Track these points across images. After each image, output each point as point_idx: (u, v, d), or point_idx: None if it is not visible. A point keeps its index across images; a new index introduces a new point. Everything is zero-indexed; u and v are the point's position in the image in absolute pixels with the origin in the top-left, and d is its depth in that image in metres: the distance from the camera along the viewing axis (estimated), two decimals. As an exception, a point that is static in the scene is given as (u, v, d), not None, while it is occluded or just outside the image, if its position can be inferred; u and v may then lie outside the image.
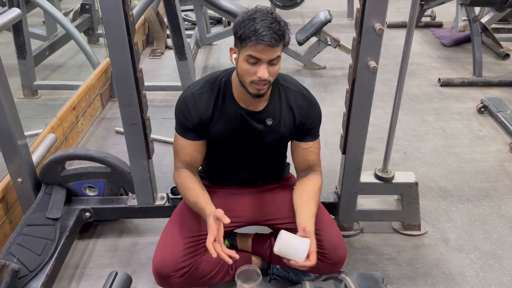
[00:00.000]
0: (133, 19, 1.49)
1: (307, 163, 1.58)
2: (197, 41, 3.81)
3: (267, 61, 1.30)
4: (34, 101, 3.11)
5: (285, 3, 4.20)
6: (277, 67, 1.34)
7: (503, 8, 3.35)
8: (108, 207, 1.86)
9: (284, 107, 1.50)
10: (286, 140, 1.58)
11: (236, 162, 1.61)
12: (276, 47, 1.29)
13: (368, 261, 1.82)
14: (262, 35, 1.25)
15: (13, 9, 1.66)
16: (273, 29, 1.27)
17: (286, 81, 1.52)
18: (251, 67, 1.32)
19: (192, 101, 1.46)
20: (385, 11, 1.44)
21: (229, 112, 1.47)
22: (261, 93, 1.37)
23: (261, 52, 1.28)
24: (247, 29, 1.28)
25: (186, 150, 1.52)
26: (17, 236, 1.60)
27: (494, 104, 2.95)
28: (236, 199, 1.63)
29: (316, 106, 1.54)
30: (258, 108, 1.47)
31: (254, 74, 1.32)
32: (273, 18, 1.29)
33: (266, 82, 1.33)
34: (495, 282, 1.72)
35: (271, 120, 1.49)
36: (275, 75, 1.36)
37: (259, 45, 1.27)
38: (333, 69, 3.76)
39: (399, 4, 5.36)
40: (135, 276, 1.73)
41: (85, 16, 3.86)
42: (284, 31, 1.31)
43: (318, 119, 1.55)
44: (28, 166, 1.75)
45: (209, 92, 1.47)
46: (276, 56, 1.31)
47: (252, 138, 1.52)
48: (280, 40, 1.29)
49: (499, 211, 2.11)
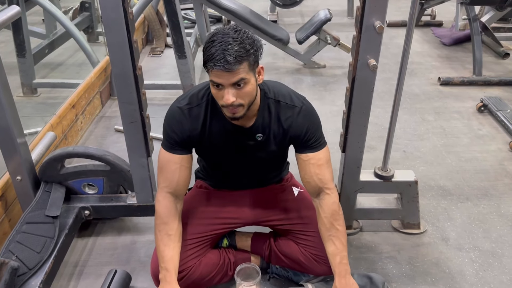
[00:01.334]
0: (132, 17, 1.49)
1: (312, 177, 1.46)
2: (196, 39, 3.80)
3: (230, 85, 1.24)
4: (33, 99, 3.11)
5: (285, 1, 4.20)
6: (246, 89, 1.26)
7: (503, 7, 3.35)
8: (107, 205, 1.86)
9: (273, 121, 1.43)
10: (279, 152, 1.52)
11: (232, 171, 1.59)
12: (236, 70, 1.21)
13: (368, 259, 1.82)
14: (216, 60, 1.20)
15: (12, 6, 1.66)
16: (229, 51, 1.20)
17: (277, 93, 1.43)
18: (217, 91, 1.27)
19: (181, 115, 1.41)
20: (385, 9, 1.43)
21: (219, 128, 1.42)
22: (236, 116, 1.31)
23: (219, 77, 1.23)
24: (205, 54, 1.24)
25: (173, 166, 1.44)
26: (16, 234, 1.59)
27: (494, 103, 2.95)
28: (235, 200, 1.63)
29: (309, 116, 1.44)
30: (248, 124, 1.41)
31: (222, 99, 1.27)
32: (234, 38, 1.22)
33: (235, 105, 1.27)
34: (495, 280, 1.72)
35: (261, 135, 1.43)
36: (247, 96, 1.28)
37: (214, 70, 1.22)
38: (333, 68, 3.75)
39: (400, 3, 5.36)
40: (134, 274, 1.73)
41: (84, 15, 3.85)
42: (248, 50, 1.23)
43: (313, 129, 1.45)
44: (27, 164, 1.75)
45: (198, 107, 1.41)
46: (238, 79, 1.23)
47: (245, 153, 1.48)
48: (240, 61, 1.21)
49: (498, 210, 2.11)
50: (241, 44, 1.22)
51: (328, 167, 1.48)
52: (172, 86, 3.15)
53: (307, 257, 1.52)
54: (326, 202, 1.45)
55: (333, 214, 1.44)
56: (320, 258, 1.50)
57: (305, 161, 1.46)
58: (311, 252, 1.52)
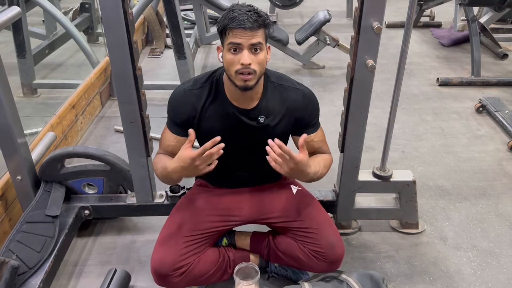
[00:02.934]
0: (132, 18, 1.50)
1: (315, 152, 1.60)
2: (196, 40, 3.81)
3: (249, 47, 1.31)
4: (33, 99, 3.12)
5: (284, 2, 4.21)
6: (261, 55, 1.34)
7: (501, 8, 3.36)
8: (107, 205, 1.86)
9: (278, 104, 1.49)
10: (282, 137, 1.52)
11: (232, 162, 1.60)
12: (255, 31, 1.30)
13: (366, 259, 1.83)
14: (239, 20, 1.29)
15: (12, 7, 1.66)
16: (250, 15, 1.30)
17: (279, 78, 1.52)
18: (234, 56, 1.33)
19: (182, 97, 1.48)
20: (383, 10, 1.44)
21: (221, 110, 1.47)
22: (248, 84, 1.35)
23: (240, 37, 1.30)
24: (226, 19, 1.32)
25: (169, 142, 1.54)
26: (16, 233, 1.60)
27: (492, 103, 2.96)
28: (234, 198, 1.63)
29: (311, 98, 1.54)
30: (250, 105, 1.47)
31: (238, 63, 1.32)
32: (252, 9, 1.34)
33: (251, 70, 1.33)
34: (492, 280, 1.73)
35: (264, 117, 1.48)
36: (260, 64, 1.35)
37: (236, 29, 1.30)
38: (332, 69, 3.77)
39: (399, 4, 5.38)
40: (134, 273, 1.74)
41: (84, 15, 3.86)
42: (264, 19, 1.33)
43: (315, 111, 1.55)
44: (27, 164, 1.75)
45: (200, 89, 1.48)
46: (257, 41, 1.32)
47: (246, 136, 1.51)
48: (259, 25, 1.32)
49: (496, 209, 2.12)
50: (258, 14, 1.33)
51: (325, 143, 1.63)
52: (172, 86, 3.15)
53: (305, 253, 1.53)
54: (327, 156, 1.61)
55: (327, 159, 1.59)
56: (319, 254, 1.50)
57: (308, 142, 1.55)
58: (310, 248, 1.52)
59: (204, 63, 3.93)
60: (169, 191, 1.84)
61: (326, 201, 1.87)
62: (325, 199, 1.88)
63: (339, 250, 1.52)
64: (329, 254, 1.50)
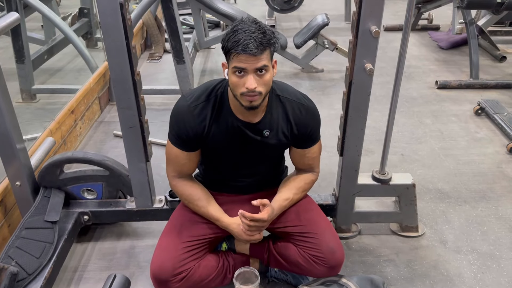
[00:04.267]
0: (131, 23, 1.50)
1: (304, 165, 1.62)
2: (195, 44, 3.82)
3: (254, 71, 1.29)
4: (32, 105, 3.12)
5: (283, 6, 4.22)
6: (266, 77, 1.32)
7: (499, 11, 3.37)
8: (106, 210, 1.86)
9: (282, 118, 1.49)
10: (283, 148, 1.59)
11: (233, 172, 1.61)
12: (260, 55, 1.28)
13: (366, 263, 1.83)
14: (244, 45, 1.25)
15: (11, 13, 1.67)
16: (255, 37, 1.26)
17: (284, 90, 1.51)
18: (239, 79, 1.31)
19: (187, 114, 1.45)
20: (381, 14, 1.45)
21: (226, 124, 1.46)
22: (254, 105, 1.35)
23: (244, 62, 1.28)
24: (230, 41, 1.29)
25: (181, 160, 1.52)
26: (15, 239, 1.60)
27: (491, 106, 2.96)
28: (234, 204, 1.63)
29: (315, 114, 1.53)
30: (255, 119, 1.46)
31: (243, 86, 1.31)
32: (256, 28, 1.29)
33: (256, 93, 1.31)
34: (493, 283, 1.73)
35: (269, 131, 1.48)
36: (266, 85, 1.34)
37: (241, 55, 1.27)
38: (331, 72, 3.77)
39: (397, 7, 5.39)
40: (134, 279, 1.73)
41: (83, 20, 3.87)
42: (270, 38, 1.30)
43: (316, 126, 1.55)
44: (26, 170, 1.75)
45: (205, 103, 1.45)
46: (262, 65, 1.29)
47: (250, 149, 1.51)
48: (264, 48, 1.28)
49: (496, 212, 2.12)
50: (264, 33, 1.29)
51: (319, 156, 1.63)
52: (171, 91, 3.17)
53: (305, 258, 1.53)
54: (309, 176, 1.64)
55: (307, 183, 1.63)
56: (319, 259, 1.50)
57: (302, 155, 1.58)
58: (310, 253, 1.52)
59: (203, 67, 3.93)
60: (168, 196, 1.84)
61: (326, 205, 1.87)
62: (324, 203, 1.87)
63: (339, 255, 1.51)
64: (329, 259, 1.50)
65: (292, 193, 1.58)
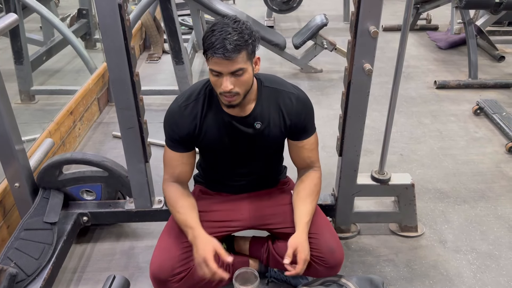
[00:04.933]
0: (129, 24, 1.50)
1: (304, 160, 1.58)
2: (194, 45, 3.82)
3: (228, 73, 1.29)
4: (31, 106, 3.12)
5: (281, 7, 4.22)
6: (244, 77, 1.32)
7: (497, 10, 3.38)
8: (105, 211, 1.86)
9: (273, 109, 1.48)
10: (279, 141, 1.56)
11: (230, 171, 1.61)
12: (235, 58, 1.26)
13: (366, 263, 1.83)
14: (216, 48, 1.25)
15: (10, 14, 1.67)
16: (229, 40, 1.24)
17: (272, 81, 1.50)
18: (216, 79, 1.32)
19: (178, 114, 1.46)
20: (379, 14, 1.45)
21: (217, 120, 1.47)
22: (232, 104, 1.36)
23: (218, 65, 1.28)
24: (205, 43, 1.29)
25: (175, 162, 1.53)
26: (14, 240, 1.60)
27: (489, 106, 2.96)
28: (234, 204, 1.63)
29: (306, 102, 1.52)
30: (245, 112, 1.46)
31: (220, 87, 1.32)
32: (234, 28, 1.27)
33: (233, 93, 1.32)
34: (492, 282, 1.73)
35: (260, 123, 1.47)
36: (244, 85, 1.34)
37: (214, 58, 1.27)
38: (330, 73, 3.77)
39: (395, 7, 5.40)
40: (133, 279, 1.73)
41: (82, 21, 3.87)
42: (247, 40, 1.28)
43: (309, 115, 1.53)
44: (25, 171, 1.75)
45: (195, 103, 1.46)
46: (237, 68, 1.28)
47: (243, 143, 1.51)
48: (239, 50, 1.26)
49: (495, 212, 2.12)
50: (240, 34, 1.27)
51: (317, 149, 1.60)
52: (170, 91, 3.16)
53: (305, 258, 1.53)
54: (313, 175, 1.59)
55: (316, 184, 1.58)
56: (319, 259, 1.50)
57: (300, 147, 1.56)
58: (310, 253, 1.52)
59: (202, 68, 3.93)
60: (167, 196, 1.84)
61: (325, 205, 1.87)
62: (324, 203, 1.87)
63: (338, 255, 1.51)
64: (329, 259, 1.50)
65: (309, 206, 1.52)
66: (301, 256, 1.40)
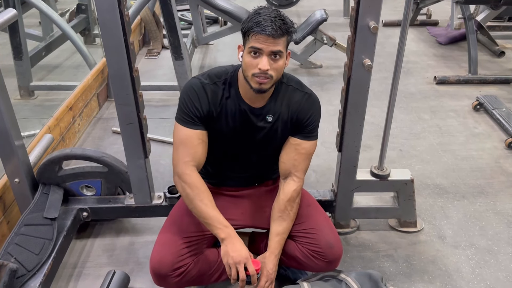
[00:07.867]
0: (129, 19, 1.50)
1: (288, 161, 1.53)
2: (193, 40, 3.81)
3: (269, 53, 1.32)
4: (30, 101, 3.11)
5: (281, 2, 4.22)
6: (280, 62, 1.35)
7: (497, 6, 3.37)
8: (105, 206, 1.86)
9: (284, 104, 1.50)
10: (286, 137, 1.56)
11: (235, 160, 1.61)
12: (277, 39, 1.31)
13: (365, 258, 1.83)
14: (264, 26, 1.30)
15: (9, 9, 1.66)
16: (276, 22, 1.30)
17: (290, 79, 1.53)
18: (253, 59, 1.34)
19: (201, 90, 1.45)
20: (379, 10, 1.45)
21: (234, 107, 1.47)
22: (263, 87, 1.37)
23: (262, 43, 1.31)
24: (251, 22, 1.33)
25: (195, 141, 1.46)
26: (14, 236, 1.60)
27: (489, 101, 2.96)
28: (234, 203, 1.64)
29: (315, 103, 1.53)
30: (260, 104, 1.48)
31: (256, 67, 1.33)
32: (277, 15, 1.34)
33: (268, 75, 1.34)
34: (491, 278, 1.74)
35: (271, 116, 1.49)
36: (278, 71, 1.36)
37: (259, 34, 1.30)
38: (330, 68, 3.77)
39: (395, 2, 5.38)
40: (133, 275, 1.74)
41: (81, 17, 3.86)
42: (288, 27, 1.34)
43: (315, 116, 1.52)
44: (25, 167, 1.75)
45: (216, 85, 1.47)
46: (278, 49, 1.32)
47: (253, 134, 1.52)
48: (282, 33, 1.32)
49: (494, 207, 2.12)
50: (284, 21, 1.34)
51: (306, 159, 1.55)
52: (169, 87, 3.16)
53: (304, 253, 1.53)
54: (289, 187, 1.54)
55: (290, 200, 1.53)
56: (318, 254, 1.51)
57: (291, 144, 1.53)
58: (309, 248, 1.53)
59: (202, 63, 3.92)
60: (167, 192, 1.84)
61: (325, 201, 1.87)
62: (323, 198, 1.88)
63: (337, 250, 1.52)
64: (328, 254, 1.50)
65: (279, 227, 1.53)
66: (263, 273, 1.47)
